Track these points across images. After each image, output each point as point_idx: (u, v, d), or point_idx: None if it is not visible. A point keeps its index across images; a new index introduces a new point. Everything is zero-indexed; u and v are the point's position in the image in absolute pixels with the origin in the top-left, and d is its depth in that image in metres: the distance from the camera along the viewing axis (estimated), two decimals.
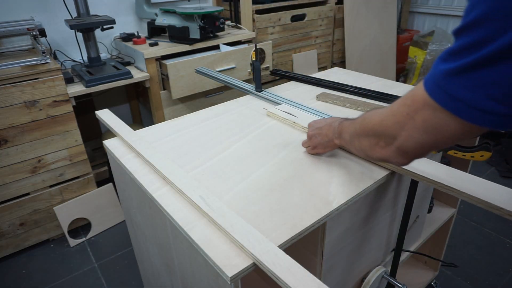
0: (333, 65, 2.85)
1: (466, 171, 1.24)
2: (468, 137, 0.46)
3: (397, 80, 3.15)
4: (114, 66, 1.85)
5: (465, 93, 0.40)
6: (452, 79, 0.41)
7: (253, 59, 1.21)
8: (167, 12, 1.96)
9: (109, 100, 2.28)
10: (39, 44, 1.58)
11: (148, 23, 2.07)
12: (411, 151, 0.52)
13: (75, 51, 1.99)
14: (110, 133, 1.03)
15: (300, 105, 1.13)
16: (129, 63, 1.95)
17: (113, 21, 1.75)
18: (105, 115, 1.11)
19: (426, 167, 0.78)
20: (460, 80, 0.41)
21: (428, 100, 0.45)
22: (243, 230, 0.62)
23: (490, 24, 0.37)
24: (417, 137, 0.49)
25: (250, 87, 1.29)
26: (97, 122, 2.22)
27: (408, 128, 0.50)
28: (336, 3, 2.62)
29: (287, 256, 0.57)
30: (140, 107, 2.41)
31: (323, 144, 0.82)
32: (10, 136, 1.52)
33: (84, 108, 1.91)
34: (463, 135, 0.45)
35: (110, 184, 1.88)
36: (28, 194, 1.67)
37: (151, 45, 1.91)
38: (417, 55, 3.01)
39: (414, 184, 0.88)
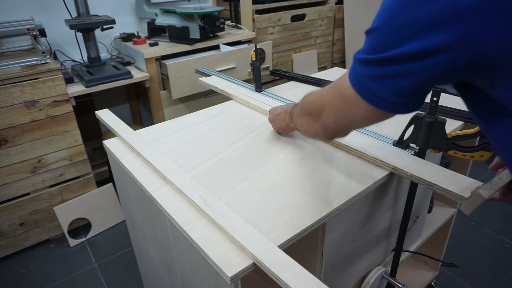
0: (333, 65, 2.85)
1: (466, 171, 1.24)
2: (376, 120, 0.54)
3: None
4: (114, 66, 1.85)
5: (370, 82, 0.49)
6: (362, 68, 0.50)
7: (253, 59, 1.21)
8: (167, 12, 1.96)
9: (109, 100, 2.28)
10: (39, 44, 1.58)
11: (148, 23, 2.08)
12: (331, 129, 0.61)
13: (75, 51, 1.99)
14: (110, 133, 1.03)
15: None
16: (129, 63, 1.95)
17: (113, 21, 1.75)
18: (105, 115, 1.11)
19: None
20: (366, 70, 0.49)
21: (342, 90, 0.54)
22: (243, 230, 0.62)
23: (387, 34, 0.45)
24: (334, 118, 0.58)
25: (250, 87, 1.29)
26: (97, 122, 2.21)
27: (328, 110, 0.59)
28: (336, 3, 2.62)
29: (287, 256, 0.57)
30: (140, 107, 2.41)
31: (283, 127, 0.94)
32: (10, 136, 1.52)
33: (84, 108, 1.91)
34: (371, 117, 0.53)
35: (110, 184, 1.88)
36: (28, 194, 1.67)
37: (151, 45, 1.91)
38: None
39: (414, 184, 0.88)
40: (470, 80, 0.46)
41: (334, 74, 1.42)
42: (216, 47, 2.02)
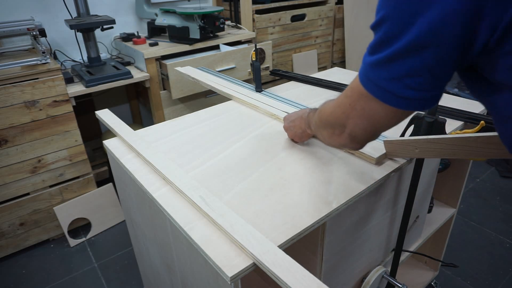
0: (333, 65, 2.85)
1: (466, 171, 1.24)
2: (401, 119, 0.53)
3: None
4: (114, 66, 1.85)
5: (387, 83, 0.47)
6: (376, 71, 0.47)
7: (253, 59, 1.21)
8: (167, 12, 1.96)
9: (109, 100, 2.28)
10: (39, 44, 1.58)
11: (148, 23, 2.07)
12: (359, 136, 0.58)
13: (75, 51, 1.99)
14: (110, 133, 1.03)
15: (300, 105, 1.13)
16: (129, 63, 1.95)
17: (113, 21, 1.75)
18: (105, 115, 1.11)
19: None
20: (381, 72, 0.47)
21: (362, 90, 0.51)
22: (243, 230, 0.62)
23: (393, 22, 0.43)
24: (360, 123, 0.55)
25: (250, 87, 1.29)
26: (97, 122, 2.22)
27: (352, 116, 0.56)
28: (336, 3, 2.62)
29: (287, 256, 0.57)
30: (140, 107, 2.41)
31: (299, 135, 0.89)
32: (10, 136, 1.52)
33: (84, 108, 1.91)
34: (395, 118, 0.52)
35: (110, 184, 1.88)
36: (28, 194, 1.67)
37: (151, 45, 1.91)
38: None
39: (414, 184, 0.88)
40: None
41: (334, 74, 1.42)
42: (216, 47, 2.02)
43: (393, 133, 0.94)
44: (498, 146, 0.64)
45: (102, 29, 1.82)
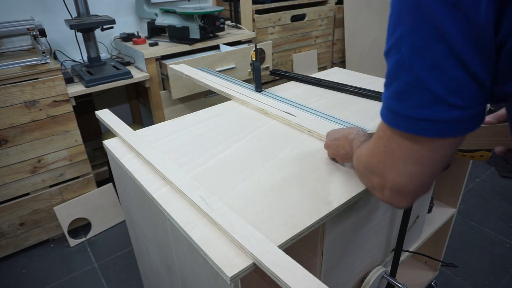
0: (333, 65, 2.85)
1: (466, 171, 1.25)
2: (451, 150, 0.43)
3: None
4: (114, 66, 1.85)
5: (420, 111, 0.39)
6: (402, 103, 0.40)
7: (253, 59, 1.21)
8: (167, 12, 1.96)
9: (109, 100, 2.28)
10: (39, 44, 1.58)
11: (148, 23, 2.07)
12: (405, 188, 0.45)
13: (75, 51, 1.99)
14: (110, 133, 1.03)
15: (300, 105, 1.13)
16: (129, 63, 1.95)
17: (113, 21, 1.75)
18: (105, 115, 1.11)
19: None
20: (407, 102, 0.40)
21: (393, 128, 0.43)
22: (243, 230, 0.62)
23: (417, 36, 0.37)
24: (403, 169, 0.44)
25: (250, 87, 1.29)
26: (97, 122, 2.22)
27: (390, 163, 0.45)
28: (336, 3, 2.62)
29: (287, 256, 0.57)
30: (140, 107, 2.41)
31: (341, 156, 0.78)
32: (10, 136, 1.52)
33: (84, 108, 1.91)
34: (443, 149, 0.42)
35: (110, 184, 1.88)
36: (28, 194, 1.67)
37: (151, 45, 1.91)
38: None
39: None
40: None
41: (334, 74, 1.42)
42: (216, 47, 2.02)
43: None
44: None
45: (102, 29, 1.82)
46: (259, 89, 1.25)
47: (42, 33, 1.74)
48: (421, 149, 0.42)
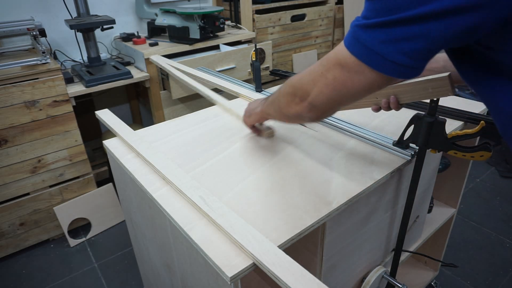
0: None
1: (466, 171, 1.24)
2: (376, 88, 0.52)
3: None
4: (114, 66, 1.85)
5: (380, 45, 0.46)
6: (370, 33, 0.47)
7: (253, 59, 1.21)
8: (167, 12, 1.96)
9: (109, 100, 2.28)
10: (39, 44, 1.58)
11: (148, 23, 2.07)
12: (320, 105, 0.59)
13: (75, 51, 1.98)
14: (110, 133, 1.03)
15: None
16: (129, 63, 1.95)
17: (113, 21, 1.75)
18: (105, 115, 1.11)
19: None
20: (376, 34, 0.46)
21: (340, 59, 0.52)
22: (243, 230, 0.62)
23: None
24: (326, 92, 0.56)
25: (250, 87, 1.29)
26: (97, 122, 2.21)
27: (320, 85, 0.56)
28: (336, 3, 2.62)
29: (287, 256, 0.57)
30: (140, 107, 2.41)
31: (247, 113, 0.92)
32: (10, 136, 1.52)
33: (84, 108, 1.91)
34: (372, 85, 0.51)
35: (110, 184, 1.88)
36: (28, 194, 1.67)
37: (151, 45, 1.91)
38: None
39: (414, 184, 0.88)
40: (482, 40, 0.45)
41: None
42: (216, 47, 2.02)
43: (393, 132, 0.94)
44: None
45: (102, 29, 1.82)
46: (259, 89, 1.25)
47: (42, 33, 1.74)
48: (353, 80, 0.51)
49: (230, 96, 1.28)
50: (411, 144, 0.86)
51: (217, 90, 1.35)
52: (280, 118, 0.75)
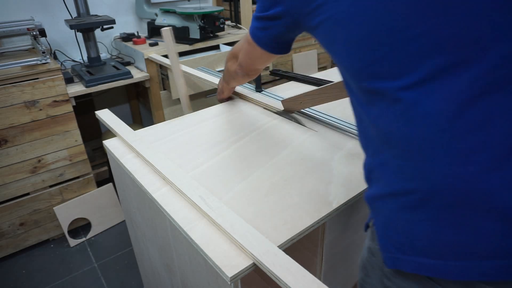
0: (333, 65, 2.85)
1: None
2: (267, 58, 0.81)
3: None
4: (114, 66, 1.85)
5: (258, 32, 0.72)
6: (254, 22, 0.72)
7: None
8: (167, 12, 1.96)
9: (109, 100, 2.28)
10: (39, 44, 1.58)
11: (148, 23, 2.08)
12: (244, 65, 0.88)
13: (75, 51, 1.99)
14: (110, 133, 1.03)
15: None
16: (129, 63, 1.95)
17: (113, 21, 1.75)
18: (105, 115, 1.11)
19: None
20: (255, 23, 0.71)
21: (248, 37, 0.76)
22: (243, 230, 0.62)
23: (266, 1, 0.66)
24: (244, 58, 0.85)
25: (250, 87, 1.29)
26: (97, 122, 2.21)
27: (242, 52, 0.85)
28: None
29: (287, 256, 0.57)
30: (140, 107, 2.41)
31: (219, 90, 1.17)
32: (10, 136, 1.52)
33: (84, 108, 1.91)
34: (263, 56, 0.77)
35: (110, 184, 1.88)
36: (28, 194, 1.67)
37: (151, 45, 1.91)
38: None
39: None
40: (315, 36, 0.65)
41: (334, 74, 1.42)
42: (216, 47, 2.02)
43: None
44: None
45: (102, 29, 1.83)
46: (259, 89, 1.25)
47: (42, 33, 1.74)
48: (252, 51, 0.78)
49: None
50: None
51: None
52: (229, 80, 1.03)
